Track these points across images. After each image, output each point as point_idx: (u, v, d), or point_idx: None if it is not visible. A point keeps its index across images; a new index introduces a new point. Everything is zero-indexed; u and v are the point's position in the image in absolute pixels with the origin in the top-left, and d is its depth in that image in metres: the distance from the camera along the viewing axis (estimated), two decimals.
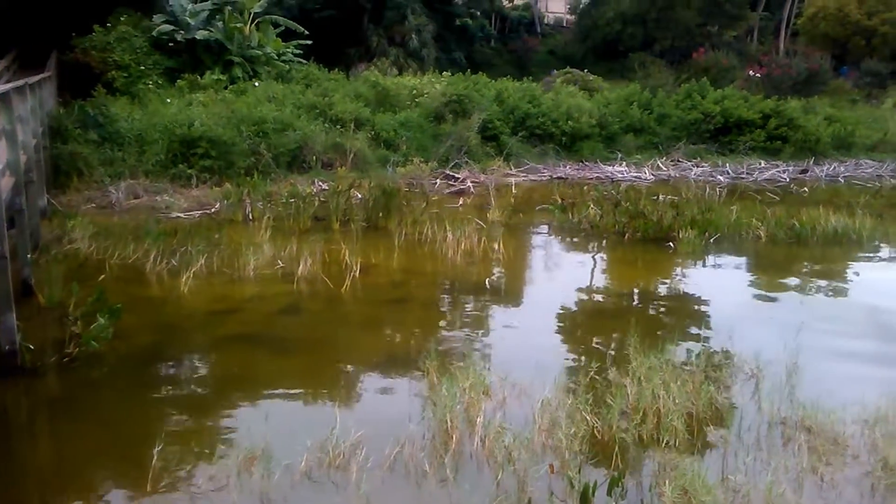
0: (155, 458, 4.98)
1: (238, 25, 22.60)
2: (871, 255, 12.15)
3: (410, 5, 33.04)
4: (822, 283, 10.60)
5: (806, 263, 11.44)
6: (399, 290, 9.71)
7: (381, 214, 12.71)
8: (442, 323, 8.57)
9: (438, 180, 16.90)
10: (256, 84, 20.52)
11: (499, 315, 8.91)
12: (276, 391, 6.54)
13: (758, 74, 31.90)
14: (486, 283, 9.95)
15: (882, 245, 12.63)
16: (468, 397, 5.87)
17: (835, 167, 21.14)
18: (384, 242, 11.64)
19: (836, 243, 12.11)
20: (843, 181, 19.89)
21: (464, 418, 5.64)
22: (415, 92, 21.53)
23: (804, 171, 20.48)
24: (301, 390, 6.58)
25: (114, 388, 6.50)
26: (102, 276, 9.07)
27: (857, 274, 11.15)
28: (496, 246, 11.24)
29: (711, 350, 7.35)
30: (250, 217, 12.90)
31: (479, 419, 5.54)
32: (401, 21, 32.77)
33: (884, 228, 13.21)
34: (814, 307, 9.34)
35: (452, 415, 5.58)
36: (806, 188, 18.43)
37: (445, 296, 9.69)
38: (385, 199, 12.94)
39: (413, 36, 32.40)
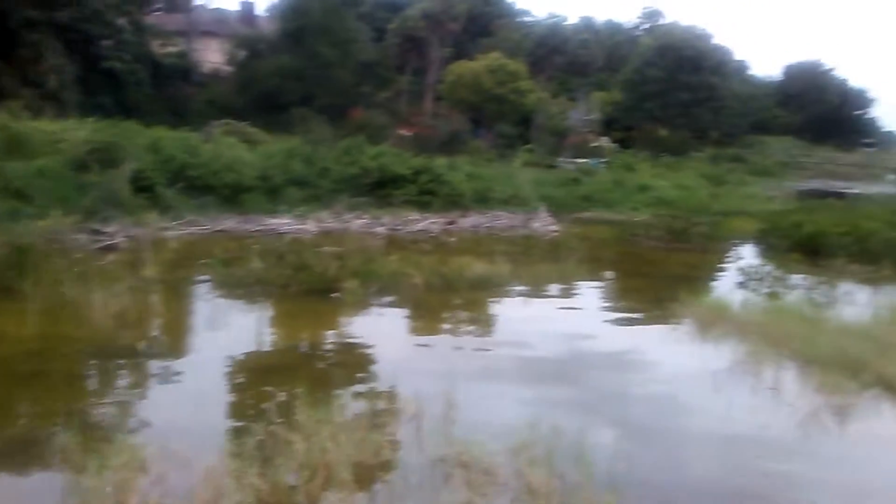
0: None
1: None
2: (510, 296, 13.60)
3: (47, 43, 30.01)
4: (472, 324, 11.60)
5: (457, 308, 12.42)
6: (35, 362, 8.48)
7: (12, 275, 11.08)
8: (88, 395, 7.67)
9: (84, 235, 15.33)
10: None
11: (158, 380, 8.24)
12: None
13: (408, 133, 34.56)
14: (142, 346, 9.16)
15: (517, 287, 14.19)
16: (120, 476, 5.27)
17: (477, 219, 23.49)
18: (16, 307, 10.17)
19: (481, 288, 13.34)
20: (484, 231, 22.14)
21: (115, 501, 5.03)
22: (54, 138, 19.46)
23: (452, 223, 22.42)
24: None
25: None
26: None
27: (499, 313, 12.42)
28: (153, 305, 10.46)
29: (377, 396, 7.55)
30: None
31: (132, 499, 4.98)
32: (35, 60, 29.58)
33: (518, 272, 14.89)
34: (465, 347, 10.12)
35: (101, 499, 4.95)
36: (454, 238, 20.19)
37: (93, 363, 8.70)
38: (17, 256, 11.34)
39: (51, 77, 29.43)
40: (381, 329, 10.88)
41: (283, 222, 19.70)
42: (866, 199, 30.19)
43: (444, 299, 12.67)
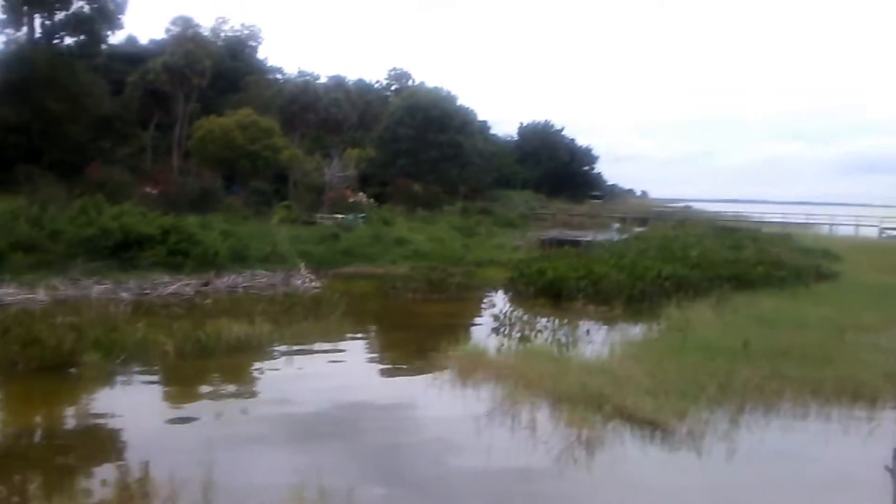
0: None
1: None
2: (273, 357, 13.13)
3: None
4: (233, 390, 11.01)
5: (215, 374, 11.74)
6: None
7: None
8: None
9: None
10: None
11: None
12: None
13: (154, 191, 32.61)
14: None
15: (280, 347, 13.75)
16: None
17: (234, 278, 22.53)
18: None
19: (240, 350, 12.74)
20: (242, 291, 21.30)
21: None
22: None
23: (207, 284, 21.32)
24: None
25: None
26: None
27: (261, 376, 11.91)
28: None
29: (125, 480, 6.82)
30: None
31: None
32: None
33: (280, 332, 14.45)
34: (225, 413, 9.55)
35: None
36: (209, 300, 19.18)
37: None
38: None
39: None
40: (128, 404, 9.93)
41: (7, 292, 17.50)
42: (597, 246, 33.50)
43: (201, 366, 11.93)
